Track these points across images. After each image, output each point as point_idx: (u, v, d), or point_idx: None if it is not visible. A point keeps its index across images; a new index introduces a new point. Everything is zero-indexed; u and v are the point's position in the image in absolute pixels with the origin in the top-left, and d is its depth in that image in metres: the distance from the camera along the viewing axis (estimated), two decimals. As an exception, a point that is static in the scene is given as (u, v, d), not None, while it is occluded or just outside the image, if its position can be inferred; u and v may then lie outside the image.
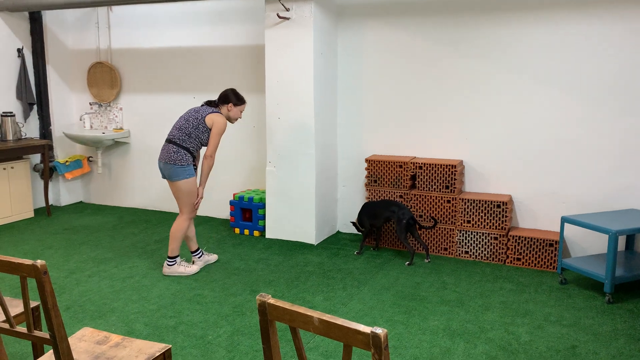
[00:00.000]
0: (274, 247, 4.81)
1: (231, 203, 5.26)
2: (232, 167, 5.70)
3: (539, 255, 4.30)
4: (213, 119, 4.01)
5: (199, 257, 4.32)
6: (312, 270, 4.26)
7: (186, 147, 3.99)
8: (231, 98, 4.09)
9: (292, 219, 4.95)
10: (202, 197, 4.14)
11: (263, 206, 5.13)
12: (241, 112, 4.17)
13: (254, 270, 4.28)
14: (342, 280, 4.05)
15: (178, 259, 4.16)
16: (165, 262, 4.17)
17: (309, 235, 4.91)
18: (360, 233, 4.66)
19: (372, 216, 4.58)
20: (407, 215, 4.36)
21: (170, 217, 5.85)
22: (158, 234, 5.24)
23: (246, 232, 5.23)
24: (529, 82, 4.44)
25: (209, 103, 4.16)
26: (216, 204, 5.83)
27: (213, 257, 4.44)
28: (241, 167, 5.67)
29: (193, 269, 4.19)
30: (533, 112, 4.46)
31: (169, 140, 4.02)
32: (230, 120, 4.16)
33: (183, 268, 4.16)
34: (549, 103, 4.39)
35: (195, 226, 5.48)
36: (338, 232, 5.32)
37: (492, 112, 4.60)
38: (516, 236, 4.35)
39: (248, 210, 5.25)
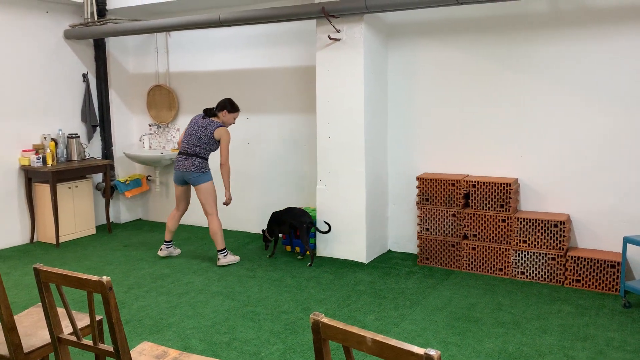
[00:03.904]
0: (325, 265, 4.84)
1: (283, 221, 5.33)
2: (284, 185, 5.79)
3: (600, 276, 4.14)
4: (220, 133, 4.73)
5: (167, 247, 5.14)
6: (363, 290, 4.25)
7: (205, 157, 4.81)
8: (227, 106, 4.79)
9: (342, 237, 4.97)
10: (231, 198, 4.96)
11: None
12: (234, 118, 4.85)
13: (305, 288, 4.31)
14: (394, 300, 4.03)
15: (226, 250, 4.95)
16: (219, 255, 4.91)
17: (360, 253, 4.90)
18: (265, 242, 5.17)
19: (279, 224, 5.01)
20: (307, 220, 4.85)
21: (224, 234, 5.98)
22: (212, 250, 5.37)
23: (297, 249, 5.28)
24: (585, 98, 4.32)
25: (208, 111, 4.81)
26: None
27: (177, 251, 5.24)
28: (292, 185, 5.75)
29: (237, 257, 5.00)
30: (590, 128, 4.33)
31: (191, 154, 4.76)
32: (225, 124, 4.84)
33: (232, 257, 4.97)
34: (607, 118, 4.25)
35: (248, 243, 5.59)
36: (389, 250, 5.29)
37: (548, 129, 4.49)
38: (575, 257, 4.21)
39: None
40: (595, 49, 4.24)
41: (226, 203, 4.83)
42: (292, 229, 4.99)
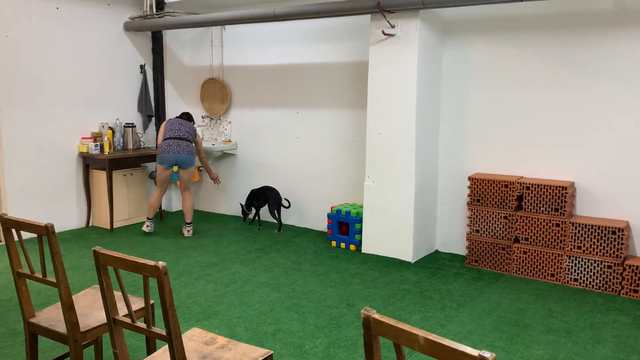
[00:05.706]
0: (370, 262, 4.81)
1: (329, 216, 5.34)
2: (331, 180, 5.80)
3: (660, 288, 3.95)
4: (198, 135, 5.70)
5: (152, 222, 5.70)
6: (408, 289, 4.21)
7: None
8: (192, 119, 5.81)
9: (389, 235, 4.93)
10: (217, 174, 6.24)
11: (360, 220, 5.16)
12: None
13: (350, 284, 4.30)
14: (440, 301, 3.97)
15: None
16: (189, 227, 5.66)
17: (406, 252, 4.86)
18: (243, 215, 6.12)
19: (256, 198, 5.90)
20: (277, 199, 5.76)
21: (272, 226, 6.04)
22: (260, 242, 5.44)
23: (342, 245, 5.28)
24: (652, 101, 4.12)
25: (188, 116, 5.73)
26: (314, 216, 5.94)
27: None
28: (340, 180, 5.74)
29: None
30: (656, 133, 4.13)
31: (184, 139, 5.44)
32: None
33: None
34: (676, 123, 4.05)
35: (294, 237, 5.63)
36: (436, 251, 5.22)
37: (607, 132, 4.31)
38: (633, 266, 4.03)
39: (345, 224, 5.30)
40: (665, 49, 4.03)
41: (217, 179, 6.01)
42: (265, 202, 5.86)
